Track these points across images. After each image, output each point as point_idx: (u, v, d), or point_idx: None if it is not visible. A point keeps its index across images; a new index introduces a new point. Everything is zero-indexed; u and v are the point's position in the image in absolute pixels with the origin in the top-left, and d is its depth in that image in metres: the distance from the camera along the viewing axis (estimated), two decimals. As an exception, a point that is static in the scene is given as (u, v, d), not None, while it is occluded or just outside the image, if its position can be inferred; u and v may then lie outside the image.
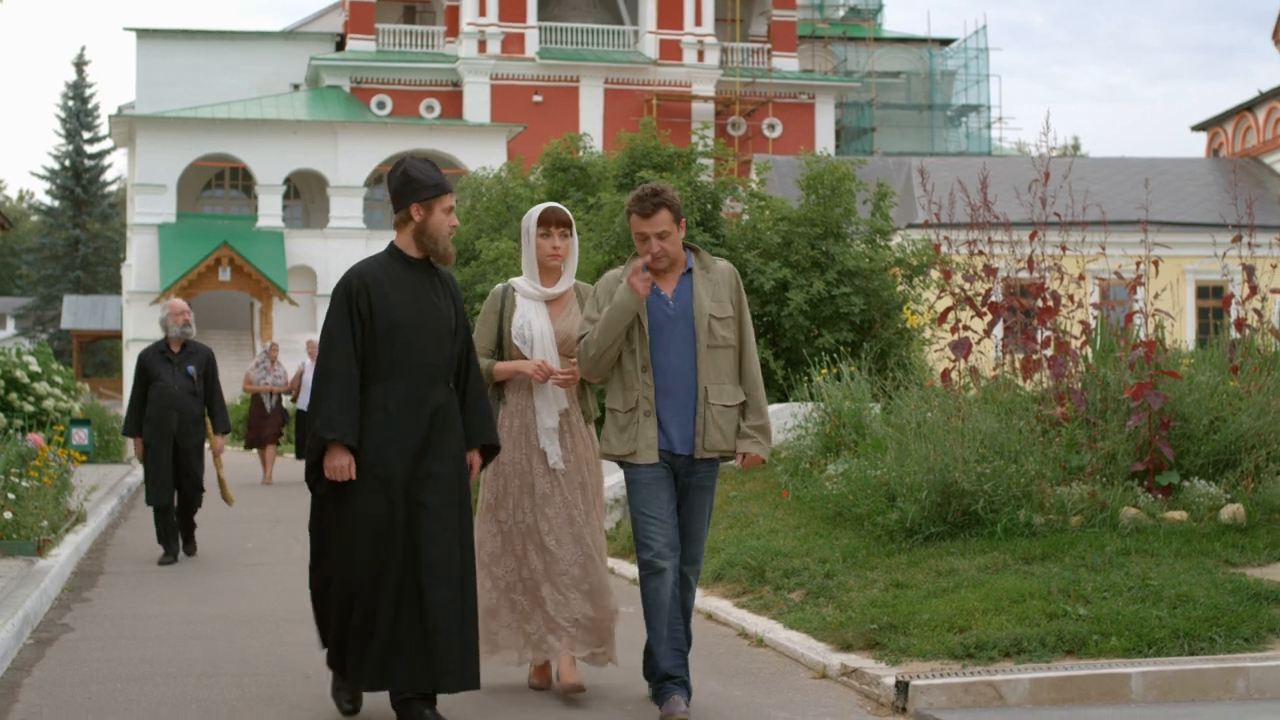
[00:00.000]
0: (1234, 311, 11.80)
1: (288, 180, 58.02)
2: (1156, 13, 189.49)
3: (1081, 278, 11.99)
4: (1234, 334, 11.83)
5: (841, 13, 70.76)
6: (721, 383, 7.17)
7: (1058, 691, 7.29)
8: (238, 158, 57.24)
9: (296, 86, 63.04)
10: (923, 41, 69.09)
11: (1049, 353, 11.61)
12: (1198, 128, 61.16)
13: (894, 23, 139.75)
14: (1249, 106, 57.15)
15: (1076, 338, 11.88)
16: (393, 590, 6.73)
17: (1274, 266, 12.52)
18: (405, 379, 6.85)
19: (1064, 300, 11.83)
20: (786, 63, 64.94)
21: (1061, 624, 8.04)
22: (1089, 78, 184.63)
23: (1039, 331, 11.82)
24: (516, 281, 7.86)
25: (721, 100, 62.20)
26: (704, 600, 10.11)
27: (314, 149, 57.12)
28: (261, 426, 24.41)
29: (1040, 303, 11.80)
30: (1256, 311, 11.79)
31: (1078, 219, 12.83)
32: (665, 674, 7.08)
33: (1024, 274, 12.24)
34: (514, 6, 60.96)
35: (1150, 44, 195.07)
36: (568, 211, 7.87)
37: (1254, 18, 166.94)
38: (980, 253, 12.17)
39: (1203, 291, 47.49)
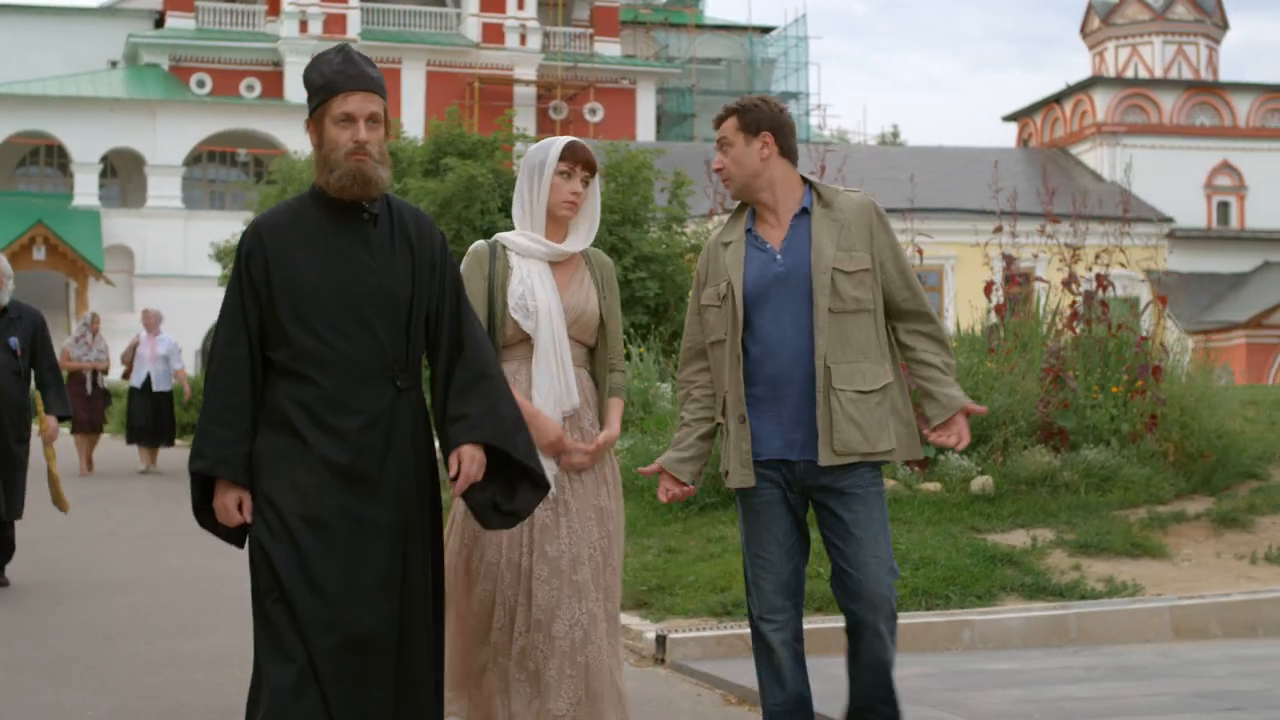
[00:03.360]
0: (994, 298, 12.65)
1: (105, 159, 57.37)
2: (977, 2, 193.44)
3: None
4: (993, 319, 12.69)
5: (664, -1, 71.68)
6: (854, 360, 5.14)
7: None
8: (53, 135, 56.53)
9: (114, 64, 62.27)
10: (743, 29, 70.07)
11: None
12: (1009, 118, 63.01)
13: (715, 10, 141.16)
14: (1057, 99, 59.06)
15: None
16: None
17: (1035, 255, 13.39)
18: (320, 376, 4.61)
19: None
20: (609, 48, 65.53)
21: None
22: (910, 67, 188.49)
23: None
24: (509, 237, 5.59)
25: (544, 84, 62.62)
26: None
27: (132, 127, 56.59)
28: (86, 411, 21.21)
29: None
30: (1013, 298, 12.66)
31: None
32: None
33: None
34: (336, -13, 60.96)
35: (971, 33, 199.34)
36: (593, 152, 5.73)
37: (1070, 9, 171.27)
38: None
39: (1009, 279, 49.02)
